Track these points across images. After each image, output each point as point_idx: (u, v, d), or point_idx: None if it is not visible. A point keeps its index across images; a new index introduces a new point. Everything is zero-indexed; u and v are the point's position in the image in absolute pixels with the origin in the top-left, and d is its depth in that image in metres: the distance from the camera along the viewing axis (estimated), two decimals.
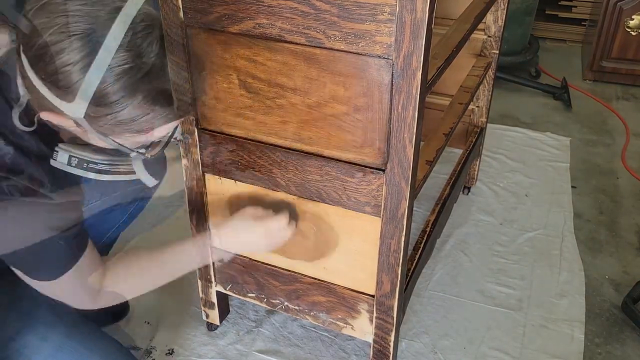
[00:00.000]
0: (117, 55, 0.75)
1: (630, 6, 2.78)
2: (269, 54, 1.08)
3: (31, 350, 1.12)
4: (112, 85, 0.76)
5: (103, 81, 0.76)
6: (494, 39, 1.88)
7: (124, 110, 0.79)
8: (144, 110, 0.80)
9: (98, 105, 0.78)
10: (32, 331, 1.13)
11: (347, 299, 1.31)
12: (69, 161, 0.89)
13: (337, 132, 1.11)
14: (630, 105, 2.83)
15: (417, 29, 0.93)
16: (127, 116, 0.80)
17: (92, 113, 0.79)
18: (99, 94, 0.77)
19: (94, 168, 0.91)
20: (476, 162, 2.10)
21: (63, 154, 0.89)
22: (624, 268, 1.83)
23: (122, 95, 0.77)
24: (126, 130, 0.82)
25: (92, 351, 1.16)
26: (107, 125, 0.80)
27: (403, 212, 1.12)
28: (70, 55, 0.75)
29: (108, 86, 0.76)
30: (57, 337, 1.14)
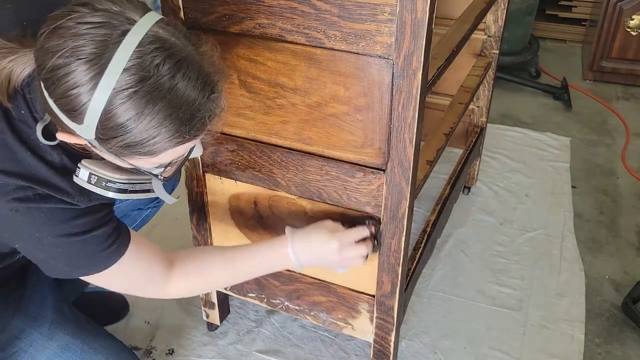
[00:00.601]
0: (122, 78, 0.76)
1: (630, 6, 2.78)
2: (269, 54, 1.08)
3: (37, 349, 1.12)
4: (118, 107, 0.77)
5: (109, 104, 0.77)
6: (494, 38, 1.88)
7: (131, 133, 0.79)
8: (150, 133, 0.80)
9: (105, 128, 0.79)
10: (37, 330, 1.14)
11: (347, 298, 1.31)
12: (89, 179, 0.90)
13: (337, 132, 1.11)
14: (630, 105, 2.83)
15: (417, 29, 0.93)
16: (134, 139, 0.80)
17: (101, 135, 0.80)
18: (106, 117, 0.77)
19: (112, 187, 0.92)
20: (476, 162, 2.10)
21: (84, 171, 0.90)
22: (624, 268, 1.83)
23: (128, 117, 0.78)
24: (135, 153, 0.83)
25: (97, 350, 1.17)
26: (116, 147, 0.81)
27: (403, 212, 1.12)
28: (76, 78, 0.76)
29: (114, 109, 0.77)
30: (62, 336, 1.15)
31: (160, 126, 0.79)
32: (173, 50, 0.79)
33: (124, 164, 0.87)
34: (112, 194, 0.92)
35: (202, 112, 0.83)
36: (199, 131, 0.85)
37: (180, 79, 0.79)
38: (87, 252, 0.96)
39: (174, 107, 0.79)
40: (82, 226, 0.93)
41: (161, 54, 0.78)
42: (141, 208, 1.45)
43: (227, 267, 1.14)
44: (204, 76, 0.82)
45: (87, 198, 0.93)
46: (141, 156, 0.83)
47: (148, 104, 0.77)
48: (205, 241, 1.41)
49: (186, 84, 0.79)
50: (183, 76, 0.79)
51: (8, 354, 1.11)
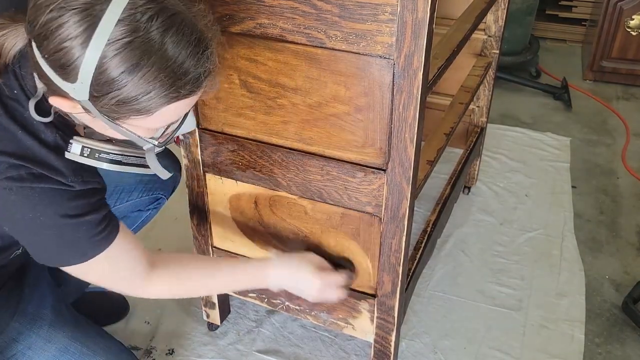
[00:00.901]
0: (116, 29, 0.75)
1: (630, 6, 2.78)
2: (270, 54, 1.08)
3: (35, 351, 1.12)
4: (112, 60, 0.76)
5: (103, 56, 0.76)
6: (494, 38, 1.88)
7: (125, 88, 0.78)
8: (145, 88, 0.79)
9: (99, 84, 0.78)
10: (36, 333, 1.13)
11: (348, 298, 1.31)
12: (82, 152, 0.90)
13: (338, 132, 1.11)
14: (630, 105, 2.83)
15: (418, 28, 0.93)
16: (128, 94, 0.79)
17: (95, 92, 0.79)
18: (100, 70, 0.77)
19: (106, 158, 0.92)
20: (476, 162, 2.10)
21: (76, 145, 0.90)
22: (624, 268, 1.83)
23: (121, 71, 0.77)
24: (129, 111, 0.81)
25: (96, 352, 1.17)
26: (110, 105, 0.80)
27: (404, 212, 1.12)
28: (69, 30, 0.75)
29: (107, 61, 0.76)
30: (61, 338, 1.15)
31: (155, 80, 0.79)
32: (166, 5, 0.78)
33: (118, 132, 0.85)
34: (106, 165, 0.92)
35: (197, 67, 0.82)
36: (195, 87, 0.84)
37: (174, 33, 0.78)
38: (78, 237, 0.95)
39: (168, 61, 0.79)
40: (76, 209, 0.92)
41: (154, 7, 0.77)
42: (141, 210, 1.44)
43: (207, 277, 1.16)
44: (197, 32, 0.81)
45: (80, 178, 0.92)
46: (136, 115, 0.82)
47: (142, 56, 0.77)
48: (205, 241, 1.41)
49: (179, 38, 0.79)
50: (176, 31, 0.79)
51: (6, 356, 1.10)
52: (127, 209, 1.41)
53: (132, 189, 1.39)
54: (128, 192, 1.38)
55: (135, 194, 1.39)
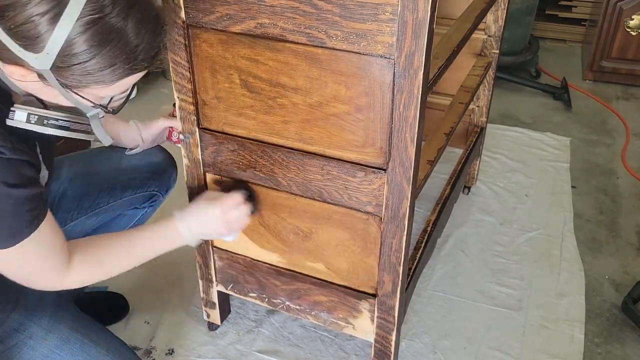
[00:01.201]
0: (86, 7, 0.79)
1: (630, 6, 2.78)
2: (270, 54, 1.08)
3: (36, 341, 1.13)
4: (81, 35, 0.80)
5: (73, 31, 0.79)
6: (494, 38, 1.88)
7: (91, 61, 0.82)
8: (110, 61, 0.83)
9: (66, 55, 0.81)
10: (37, 324, 1.13)
11: (348, 298, 1.31)
12: (28, 118, 0.91)
13: (338, 132, 1.11)
14: (630, 105, 2.83)
15: (418, 28, 0.93)
16: (94, 67, 0.83)
17: (60, 64, 0.82)
18: (67, 44, 0.80)
19: (54, 124, 0.93)
20: (476, 162, 2.10)
21: (21, 112, 0.90)
22: (624, 268, 1.83)
23: (90, 44, 0.81)
24: (92, 82, 0.85)
25: (97, 344, 1.17)
26: (74, 76, 0.84)
27: (404, 212, 1.12)
28: (39, 6, 0.78)
29: (76, 37, 0.80)
30: (62, 329, 1.15)
31: (120, 54, 0.84)
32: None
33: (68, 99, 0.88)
34: (53, 131, 0.93)
35: (155, 43, 0.88)
36: (152, 61, 0.89)
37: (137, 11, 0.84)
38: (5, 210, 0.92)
39: (132, 37, 0.84)
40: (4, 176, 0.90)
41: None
42: (137, 207, 1.44)
43: (125, 252, 1.15)
44: (154, 10, 0.88)
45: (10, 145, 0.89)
46: (96, 85, 0.86)
47: (109, 33, 0.82)
48: (205, 241, 1.41)
49: (142, 16, 0.85)
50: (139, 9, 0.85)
51: (7, 346, 1.11)
52: (122, 207, 1.41)
53: (125, 185, 1.38)
54: (122, 189, 1.38)
55: (129, 190, 1.39)
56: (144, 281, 1.74)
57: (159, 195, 1.46)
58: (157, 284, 1.74)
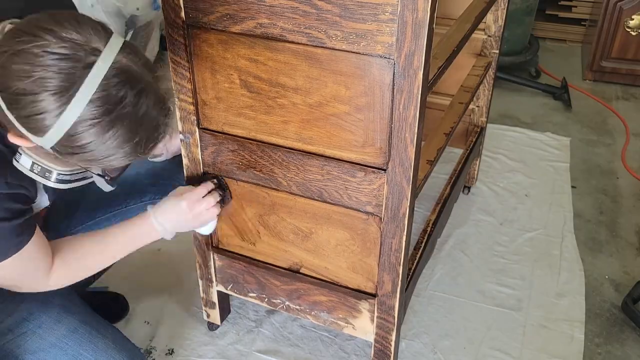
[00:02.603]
0: (88, 109, 0.82)
1: (630, 6, 2.78)
2: (270, 54, 1.08)
3: (45, 330, 1.15)
4: (81, 133, 0.84)
5: (73, 129, 0.83)
6: (494, 38, 1.88)
7: (91, 153, 0.86)
8: (108, 153, 0.87)
9: (66, 147, 0.85)
10: (46, 313, 1.16)
11: (348, 298, 1.31)
12: (32, 167, 0.94)
13: (338, 132, 1.11)
14: (630, 105, 2.83)
15: (418, 28, 0.93)
16: (93, 157, 0.87)
17: (60, 149, 0.86)
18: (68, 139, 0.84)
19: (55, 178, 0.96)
20: (476, 161, 2.10)
21: (26, 158, 0.93)
22: (624, 268, 1.83)
23: (90, 141, 0.85)
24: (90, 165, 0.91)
25: (105, 336, 1.20)
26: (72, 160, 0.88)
27: (404, 212, 1.12)
28: (44, 105, 0.81)
29: (77, 134, 0.84)
30: (70, 320, 1.18)
31: (119, 148, 0.87)
32: (135, 81, 0.86)
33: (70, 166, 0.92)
34: (52, 184, 0.97)
35: (157, 132, 0.91)
36: (152, 149, 0.93)
37: (141, 106, 0.86)
38: None
39: (134, 132, 0.87)
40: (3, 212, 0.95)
41: (124, 87, 0.84)
42: None
43: (103, 250, 1.18)
44: (160, 101, 0.90)
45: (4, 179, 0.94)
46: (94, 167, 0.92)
47: (110, 129, 0.85)
48: (205, 241, 1.41)
49: (145, 110, 0.87)
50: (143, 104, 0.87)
51: (16, 334, 1.13)
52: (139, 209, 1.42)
53: (144, 190, 1.41)
54: (141, 193, 1.41)
55: (149, 194, 1.42)
56: (144, 281, 1.74)
57: None
58: (157, 284, 1.74)
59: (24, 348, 1.13)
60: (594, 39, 2.91)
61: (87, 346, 1.16)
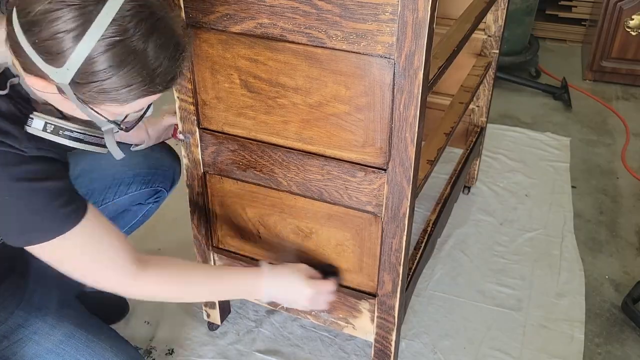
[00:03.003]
0: (109, 29, 0.81)
1: (630, 6, 2.78)
2: (270, 54, 1.08)
3: (41, 336, 1.13)
4: (101, 55, 0.82)
5: (94, 50, 0.81)
6: (494, 38, 1.88)
7: (109, 80, 0.84)
8: (126, 82, 0.85)
9: (84, 73, 0.83)
10: (41, 319, 1.15)
11: (348, 298, 1.31)
12: (45, 127, 0.93)
13: (338, 132, 1.11)
14: (630, 105, 2.83)
15: (418, 28, 0.93)
16: (110, 86, 0.85)
17: (78, 79, 0.84)
18: (88, 62, 0.82)
19: (69, 135, 0.95)
20: (476, 161, 2.10)
21: (38, 120, 0.92)
22: (624, 268, 1.83)
23: (109, 64, 0.83)
24: (107, 100, 0.87)
25: (102, 340, 1.18)
26: (90, 92, 0.86)
27: (405, 212, 1.12)
28: (65, 24, 0.80)
29: (97, 56, 0.82)
30: (66, 325, 1.16)
31: (137, 76, 0.85)
32: (153, 9, 0.85)
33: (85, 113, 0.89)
34: (67, 142, 0.95)
35: (173, 68, 0.89)
36: (170, 84, 0.91)
37: (158, 36, 0.86)
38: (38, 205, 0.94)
39: (150, 60, 0.86)
40: (32, 173, 0.92)
41: (144, 11, 0.84)
42: (141, 203, 1.45)
43: (203, 282, 1.17)
44: (176, 37, 0.89)
45: (34, 145, 0.93)
46: (111, 103, 0.88)
47: (129, 54, 0.83)
48: (206, 241, 1.41)
49: (162, 41, 0.86)
50: (160, 34, 0.86)
51: (12, 341, 1.11)
52: (126, 202, 1.41)
53: (130, 182, 1.39)
54: (127, 185, 1.39)
55: (134, 186, 1.40)
56: None
57: (164, 191, 1.47)
58: None
59: (20, 355, 1.11)
60: (594, 39, 2.91)
61: (84, 351, 1.15)
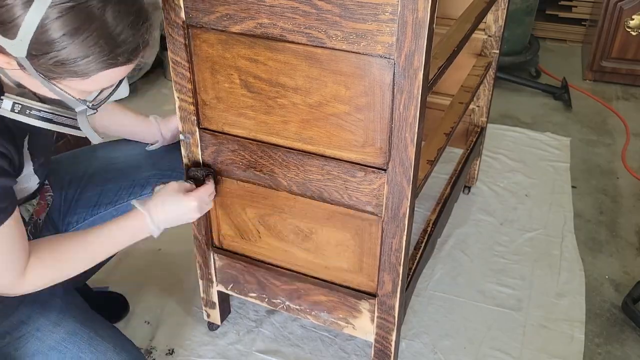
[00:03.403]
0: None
1: (630, 6, 2.78)
2: (270, 54, 1.08)
3: (44, 333, 1.13)
4: (54, 22, 0.79)
5: (45, 17, 0.78)
6: (494, 38, 1.88)
7: (65, 50, 0.81)
8: (84, 52, 0.82)
9: (39, 43, 0.80)
10: (44, 316, 1.14)
11: (348, 298, 1.31)
12: (12, 107, 0.90)
13: (338, 132, 1.11)
14: (630, 105, 2.83)
15: (418, 28, 0.93)
16: (67, 56, 0.82)
17: (34, 51, 0.81)
18: (41, 31, 0.79)
19: (37, 115, 0.93)
20: (476, 161, 2.10)
21: (7, 101, 0.90)
22: (624, 268, 1.83)
23: (62, 33, 0.79)
24: (66, 72, 0.84)
25: (104, 338, 1.18)
26: (48, 65, 0.82)
27: (405, 212, 1.12)
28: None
29: (49, 23, 0.79)
30: (70, 323, 1.15)
31: (95, 45, 0.82)
32: None
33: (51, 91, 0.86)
34: (37, 122, 0.93)
35: (136, 37, 0.85)
36: (132, 56, 0.87)
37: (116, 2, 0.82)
38: None
39: (109, 28, 0.82)
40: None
41: None
42: None
43: (85, 250, 1.11)
44: (138, 3, 0.85)
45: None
46: (72, 77, 0.84)
47: (84, 21, 0.80)
48: (206, 241, 1.41)
49: (121, 7, 0.82)
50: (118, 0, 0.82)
51: (15, 337, 1.11)
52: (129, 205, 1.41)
53: (144, 183, 1.39)
54: (141, 186, 1.39)
55: (148, 187, 1.39)
56: (144, 281, 1.74)
57: None
58: (157, 284, 1.74)
59: (23, 351, 1.11)
60: (594, 39, 2.91)
61: (86, 349, 1.14)
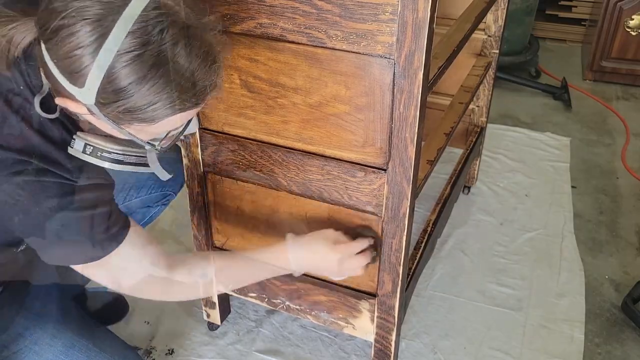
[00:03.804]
0: (126, 42, 0.76)
1: (630, 6, 2.78)
2: (270, 54, 1.08)
3: (41, 347, 1.13)
4: (120, 71, 0.77)
5: (112, 66, 0.77)
6: (494, 38, 1.88)
7: (132, 98, 0.79)
8: (151, 99, 0.80)
9: (106, 92, 0.79)
10: (41, 329, 1.14)
11: (348, 298, 1.31)
12: (84, 149, 0.90)
13: (338, 132, 1.11)
14: (630, 105, 2.83)
15: (418, 28, 0.93)
16: (135, 104, 0.80)
17: (102, 100, 0.80)
18: (108, 80, 0.78)
19: (107, 157, 0.92)
20: (476, 161, 2.10)
21: (79, 141, 0.90)
22: (624, 268, 1.83)
23: (129, 82, 0.78)
24: (134, 119, 0.83)
25: (102, 349, 1.17)
26: (115, 112, 0.81)
27: (404, 212, 1.12)
28: (80, 38, 0.76)
29: (116, 72, 0.77)
30: (67, 335, 1.15)
31: (162, 92, 0.80)
32: (176, 18, 0.79)
33: (121, 133, 0.86)
34: (108, 164, 0.92)
35: (204, 81, 0.83)
36: (200, 100, 0.85)
37: (183, 46, 0.79)
38: (85, 232, 0.94)
39: (176, 74, 0.80)
40: (81, 202, 0.92)
41: (165, 20, 0.78)
42: (150, 206, 1.45)
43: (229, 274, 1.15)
44: (206, 46, 0.82)
45: (85, 175, 0.92)
46: (140, 123, 0.83)
47: (150, 68, 0.78)
48: (206, 241, 1.41)
49: (189, 51, 0.80)
50: (186, 44, 0.79)
51: (12, 351, 1.11)
52: (136, 205, 1.42)
53: (141, 186, 1.39)
54: (137, 189, 1.39)
55: (144, 190, 1.40)
56: None
57: (172, 195, 1.48)
58: None
59: None
60: (594, 39, 2.91)
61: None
